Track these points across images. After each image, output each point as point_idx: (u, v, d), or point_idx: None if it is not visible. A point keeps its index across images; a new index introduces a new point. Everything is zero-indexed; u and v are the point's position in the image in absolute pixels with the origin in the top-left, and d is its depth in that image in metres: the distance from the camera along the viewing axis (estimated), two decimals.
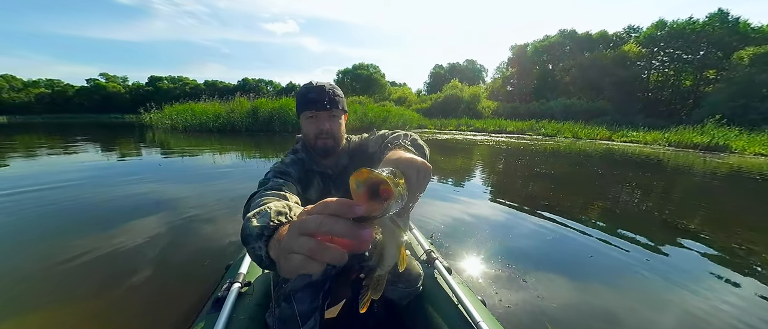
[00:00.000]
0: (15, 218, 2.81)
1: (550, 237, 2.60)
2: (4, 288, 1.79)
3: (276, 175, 0.88)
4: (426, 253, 1.34)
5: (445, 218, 2.95)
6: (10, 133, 13.28)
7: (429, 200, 3.53)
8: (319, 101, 0.92)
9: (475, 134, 16.00)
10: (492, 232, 2.65)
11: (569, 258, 2.27)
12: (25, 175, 4.59)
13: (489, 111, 27.00)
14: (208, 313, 1.03)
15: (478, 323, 0.95)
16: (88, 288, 1.77)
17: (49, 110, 52.53)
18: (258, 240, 0.50)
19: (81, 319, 1.52)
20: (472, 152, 8.72)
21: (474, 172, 5.72)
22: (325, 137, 0.95)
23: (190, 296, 1.69)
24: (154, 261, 2.08)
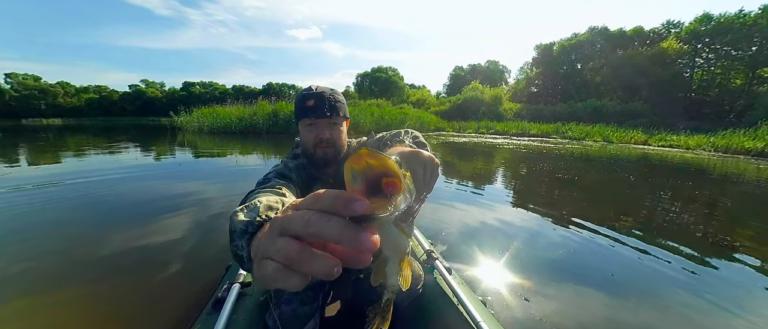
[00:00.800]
0: (36, 209, 2.99)
1: (574, 247, 2.43)
2: (11, 271, 1.89)
3: (277, 176, 0.84)
4: (426, 253, 1.32)
5: (461, 223, 2.85)
6: (64, 134, 14.65)
7: (446, 203, 3.45)
8: (319, 109, 0.86)
9: (495, 137, 15.45)
10: (511, 239, 2.54)
11: (595, 271, 2.09)
12: (64, 172, 4.95)
13: (511, 113, 26.04)
14: (207, 314, 1.02)
15: (479, 323, 0.93)
16: (89, 286, 1.81)
17: (97, 114, 57.59)
18: (241, 237, 0.44)
19: (81, 318, 1.54)
20: (492, 156, 8.37)
21: (493, 176, 5.46)
22: (324, 145, 0.90)
23: (189, 296, 1.68)
24: (156, 261, 2.10)
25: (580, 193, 4.47)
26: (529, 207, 3.46)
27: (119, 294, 1.75)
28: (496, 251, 2.30)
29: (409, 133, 0.74)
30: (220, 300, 1.02)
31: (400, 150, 0.49)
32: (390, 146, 0.64)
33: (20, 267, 1.98)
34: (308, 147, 0.92)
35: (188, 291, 1.75)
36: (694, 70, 26.84)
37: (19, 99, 52.70)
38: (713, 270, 2.15)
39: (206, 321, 0.99)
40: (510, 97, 34.39)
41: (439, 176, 0.62)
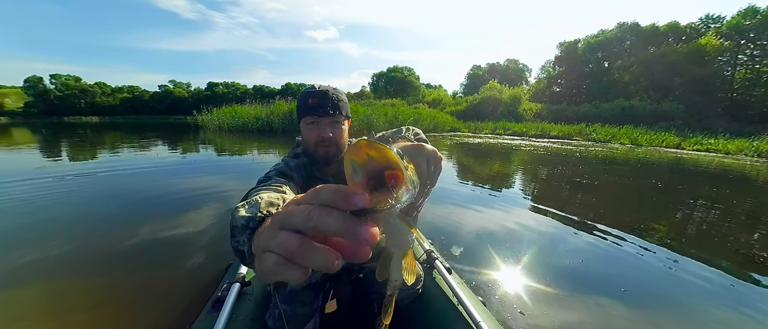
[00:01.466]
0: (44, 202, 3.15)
1: (594, 254, 2.34)
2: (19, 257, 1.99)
3: (278, 174, 0.84)
4: (426, 253, 1.32)
5: (477, 226, 2.79)
6: (101, 130, 15.94)
7: (462, 205, 3.41)
8: (321, 107, 0.86)
9: (512, 138, 14.95)
10: (528, 243, 2.47)
11: (616, 279, 1.99)
12: (89, 166, 5.26)
13: (531, 114, 25.13)
14: (208, 313, 1.03)
15: (479, 323, 0.93)
16: (90, 282, 1.84)
17: (129, 112, 61.31)
18: (242, 233, 0.44)
19: (81, 316, 1.56)
20: (509, 157, 8.07)
21: (509, 179, 5.25)
22: (326, 144, 0.90)
23: (189, 295, 1.68)
24: (157, 259, 2.12)
25: (603, 199, 4.21)
26: (548, 212, 3.32)
27: (119, 291, 1.77)
28: (512, 255, 2.26)
29: (410, 129, 0.74)
30: (220, 300, 1.02)
31: (402, 144, 0.49)
32: (392, 143, 0.62)
33: (22, 257, 2.08)
34: (309, 145, 0.92)
35: (188, 290, 1.74)
36: (737, 69, 24.72)
37: (62, 98, 57.03)
38: (753, 286, 1.94)
39: (206, 320, 0.99)
40: (530, 97, 33.20)
41: (455, 178, 0.59)
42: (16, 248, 2.23)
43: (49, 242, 2.34)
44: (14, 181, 4.14)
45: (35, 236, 2.45)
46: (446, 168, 6.29)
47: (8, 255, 2.12)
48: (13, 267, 1.98)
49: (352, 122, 1.04)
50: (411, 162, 0.32)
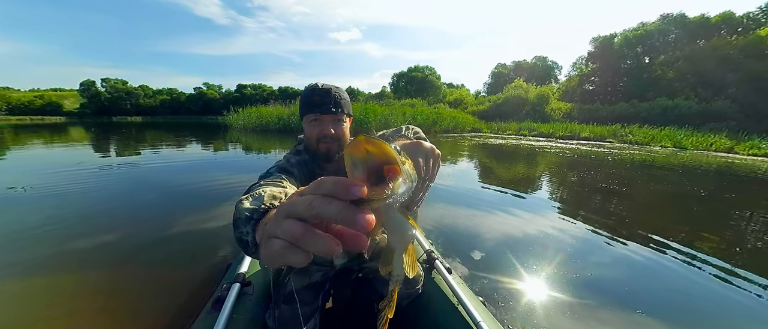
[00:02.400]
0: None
1: (628, 266, 2.20)
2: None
3: (279, 170, 0.86)
4: (426, 253, 1.33)
5: (499, 231, 2.71)
6: (144, 130, 17.57)
7: (484, 209, 3.36)
8: (324, 104, 0.88)
9: (538, 140, 14.18)
10: (553, 251, 2.36)
11: (653, 295, 1.89)
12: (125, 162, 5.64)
13: (559, 114, 23.76)
14: (208, 313, 1.03)
15: (479, 323, 0.93)
16: (92, 280, 1.89)
17: (168, 112, 66.30)
18: (246, 224, 0.47)
19: (82, 315, 1.58)
20: (530, 160, 7.61)
21: (527, 183, 4.91)
22: (328, 141, 0.92)
23: (189, 295, 1.69)
24: (157, 259, 2.14)
25: (637, 206, 3.83)
26: (573, 218, 3.12)
27: (119, 290, 1.78)
28: (533, 262, 2.17)
29: (410, 128, 0.76)
30: (220, 299, 1.02)
31: (401, 142, 0.52)
32: (392, 141, 0.62)
33: (25, 250, 2.19)
34: (311, 142, 0.94)
35: (188, 290, 1.75)
36: None
37: (111, 100, 62.75)
38: None
39: (206, 319, 0.99)
40: (559, 96, 31.43)
41: (472, 180, 0.55)
42: (22, 240, 2.37)
43: (56, 235, 2.45)
44: (49, 173, 4.52)
45: (36, 231, 2.56)
46: (464, 169, 6.05)
47: (18, 247, 2.26)
48: (18, 259, 2.09)
49: (353, 121, 1.05)
50: (409, 158, 0.34)
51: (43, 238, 2.43)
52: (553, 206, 3.76)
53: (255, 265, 1.31)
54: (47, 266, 2.04)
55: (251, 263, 1.30)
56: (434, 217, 2.96)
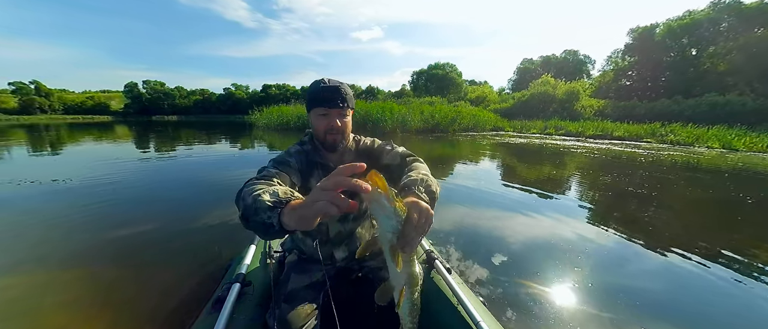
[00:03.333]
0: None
1: (670, 278, 2.04)
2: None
3: (274, 165, 0.94)
4: (425, 253, 1.34)
5: (524, 235, 2.65)
6: (179, 128, 19.03)
7: (509, 211, 3.31)
8: (333, 100, 0.95)
9: (565, 139, 13.36)
10: (582, 259, 2.22)
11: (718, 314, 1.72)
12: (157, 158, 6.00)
13: (591, 112, 22.26)
14: (208, 313, 1.03)
15: (479, 323, 0.93)
16: (90, 283, 1.87)
17: (200, 112, 70.57)
18: (270, 211, 0.59)
19: (80, 314, 1.59)
20: (554, 160, 7.15)
21: (552, 185, 4.59)
22: (334, 132, 0.98)
23: (190, 296, 1.69)
24: (157, 260, 2.15)
25: (680, 214, 3.49)
26: (603, 225, 2.93)
27: (119, 290, 1.79)
28: (558, 267, 2.10)
29: (424, 181, 0.77)
30: (220, 299, 1.02)
31: (411, 200, 0.60)
32: (401, 192, 0.75)
33: (23, 251, 2.23)
34: (319, 133, 1.00)
35: (188, 290, 1.75)
36: None
37: (150, 100, 67.81)
38: None
39: (206, 320, 0.99)
40: (592, 92, 29.46)
41: (496, 181, 2.38)
42: (26, 235, 2.49)
43: (61, 233, 2.53)
44: (89, 166, 4.88)
45: (43, 226, 2.67)
46: (478, 170, 5.80)
47: (19, 242, 2.36)
48: (14, 258, 2.14)
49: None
50: (402, 203, 0.54)
51: (49, 234, 2.52)
52: (578, 209, 3.51)
53: (255, 265, 1.30)
54: (48, 263, 2.08)
55: (251, 263, 1.29)
56: (493, 224, 2.93)
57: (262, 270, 1.28)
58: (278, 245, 1.46)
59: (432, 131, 14.67)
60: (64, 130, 16.96)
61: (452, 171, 5.76)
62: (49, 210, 3.15)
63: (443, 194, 3.22)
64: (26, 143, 9.95)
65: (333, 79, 0.98)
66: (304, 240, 1.15)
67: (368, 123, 13.23)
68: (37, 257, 2.17)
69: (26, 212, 3.12)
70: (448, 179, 5.05)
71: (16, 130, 16.71)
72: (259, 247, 1.46)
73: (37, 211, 3.13)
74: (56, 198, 3.62)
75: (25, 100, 55.28)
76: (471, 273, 2.01)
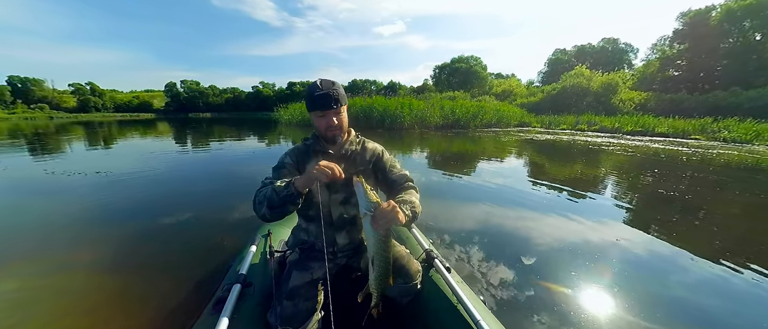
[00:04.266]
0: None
1: (722, 293, 1.84)
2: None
3: (274, 172, 1.15)
4: (425, 253, 1.35)
5: (555, 238, 2.53)
6: (213, 125, 20.38)
7: (531, 209, 3.22)
8: (327, 103, 1.08)
9: (598, 135, 12.38)
10: (618, 265, 2.09)
11: None
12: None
13: (631, 105, 20.44)
14: (209, 314, 1.03)
15: (478, 322, 0.94)
16: (90, 284, 1.87)
17: (231, 109, 74.60)
18: (286, 187, 0.96)
19: (82, 312, 1.61)
20: (587, 159, 6.62)
21: (583, 185, 4.24)
22: (333, 129, 1.13)
23: (190, 297, 1.70)
24: (157, 261, 2.14)
25: (734, 221, 3.10)
26: (644, 231, 2.71)
27: (120, 291, 1.79)
28: (593, 273, 1.99)
29: (411, 204, 1.06)
30: (221, 300, 1.03)
31: (389, 201, 0.92)
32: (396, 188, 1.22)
33: (20, 254, 2.23)
34: (321, 131, 1.16)
35: (189, 291, 1.74)
36: None
37: (187, 99, 72.69)
38: None
39: (207, 321, 1.00)
40: (633, 84, 27.02)
41: (520, 180, 3.67)
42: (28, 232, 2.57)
43: (66, 231, 2.57)
44: (126, 160, 5.25)
45: (41, 227, 2.70)
46: (508, 167, 5.51)
47: (19, 239, 2.43)
48: (16, 252, 2.21)
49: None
50: (375, 195, 0.88)
51: (51, 232, 2.59)
52: (611, 211, 3.25)
53: (256, 266, 1.30)
54: (48, 261, 2.10)
55: (252, 263, 1.30)
56: (520, 224, 2.86)
57: (262, 271, 1.28)
58: (279, 245, 1.47)
59: (452, 127, 14.26)
60: (114, 126, 18.91)
61: (474, 169, 5.54)
62: (71, 204, 3.36)
63: (465, 191, 3.64)
64: (84, 138, 11.21)
65: (325, 81, 1.09)
66: (307, 229, 1.22)
67: (387, 120, 13.12)
68: (35, 254, 2.18)
69: (51, 204, 3.40)
70: (470, 177, 4.88)
71: (76, 126, 18.93)
72: (260, 247, 1.46)
73: (62, 204, 3.38)
74: (83, 191, 3.91)
75: (82, 99, 61.55)
76: (493, 275, 1.95)
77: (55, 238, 2.54)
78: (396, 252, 1.21)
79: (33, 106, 52.75)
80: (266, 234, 1.56)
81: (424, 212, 1.00)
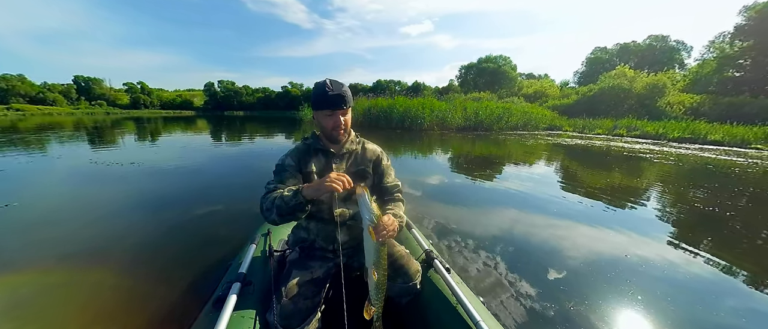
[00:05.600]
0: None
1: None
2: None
3: (276, 176, 1.16)
4: (425, 253, 1.35)
5: (582, 248, 2.41)
6: (244, 122, 21.59)
7: (562, 218, 3.07)
8: (336, 103, 1.10)
9: (638, 141, 11.34)
10: (659, 284, 1.94)
11: None
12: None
13: (680, 109, 18.48)
14: (208, 312, 1.04)
15: (478, 323, 0.94)
16: (89, 283, 1.85)
17: (262, 107, 78.49)
18: (294, 196, 0.99)
19: (80, 314, 1.58)
20: (625, 167, 6.06)
21: (621, 196, 3.89)
22: (339, 129, 1.15)
23: (190, 295, 1.68)
24: (157, 259, 2.12)
25: None
26: (692, 250, 2.46)
27: (120, 289, 1.77)
28: (631, 292, 1.84)
29: (401, 217, 1.19)
30: (220, 299, 1.02)
31: (388, 215, 1.00)
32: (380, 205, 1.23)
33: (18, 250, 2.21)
34: (327, 130, 1.17)
35: (189, 289, 1.73)
36: None
37: (223, 98, 77.53)
38: None
39: (207, 319, 1.00)
40: (685, 86, 24.45)
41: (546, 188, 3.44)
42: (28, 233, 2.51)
43: (57, 232, 2.51)
44: (157, 152, 5.64)
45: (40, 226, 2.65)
46: (537, 173, 5.22)
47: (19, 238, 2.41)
48: (15, 250, 2.19)
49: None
50: (378, 208, 0.92)
51: (55, 230, 2.55)
52: (653, 226, 2.97)
53: (255, 264, 1.30)
54: (44, 259, 2.08)
55: (252, 262, 1.30)
56: (498, 223, 2.87)
57: (262, 269, 1.28)
58: (278, 244, 1.47)
59: (474, 129, 13.80)
60: (159, 122, 21.05)
61: (499, 173, 5.32)
62: (86, 196, 3.51)
63: (488, 196, 3.94)
64: (132, 132, 12.45)
65: (334, 81, 1.11)
66: (308, 227, 1.23)
67: (406, 120, 13.00)
68: (32, 251, 2.19)
69: (73, 192, 3.62)
70: (494, 181, 4.71)
71: (128, 121, 21.33)
72: (260, 246, 1.46)
73: (80, 194, 3.58)
74: (108, 182, 4.18)
75: (134, 97, 67.97)
76: (520, 285, 1.87)
77: (56, 232, 2.52)
78: (396, 252, 1.24)
79: (93, 102, 59.42)
80: (266, 233, 1.56)
81: (446, 216, 1.00)
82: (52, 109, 46.61)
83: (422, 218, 2.94)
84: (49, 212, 3.00)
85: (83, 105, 56.71)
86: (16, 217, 2.85)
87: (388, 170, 1.31)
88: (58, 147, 7.55)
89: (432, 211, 3.17)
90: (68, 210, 3.09)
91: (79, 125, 16.63)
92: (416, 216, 2.98)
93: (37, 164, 5.35)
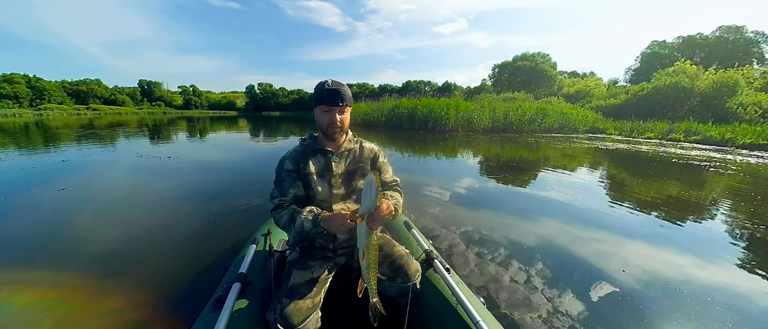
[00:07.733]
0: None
1: None
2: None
3: (277, 187, 1.20)
4: (425, 253, 1.36)
5: (636, 267, 2.20)
6: (280, 122, 23.03)
7: (610, 232, 2.83)
8: (334, 100, 1.13)
9: (696, 147, 9.93)
10: (735, 316, 1.71)
11: None
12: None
13: (756, 112, 15.84)
14: (208, 312, 1.04)
15: (478, 322, 0.94)
16: (89, 283, 1.84)
17: (296, 108, 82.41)
18: (314, 228, 1.06)
19: (80, 312, 1.59)
20: (684, 176, 5.34)
21: (681, 211, 3.45)
22: (335, 126, 1.17)
23: (190, 295, 1.69)
24: (157, 259, 2.11)
25: None
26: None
27: (119, 289, 1.77)
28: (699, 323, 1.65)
29: (394, 194, 1.25)
30: (220, 299, 1.04)
31: (390, 201, 1.07)
32: (384, 192, 1.25)
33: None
34: (323, 126, 1.19)
35: (189, 290, 1.74)
36: None
37: (262, 99, 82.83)
38: None
39: (207, 319, 1.00)
40: (765, 83, 20.94)
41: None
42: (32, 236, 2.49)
43: (60, 234, 2.49)
44: (195, 149, 6.06)
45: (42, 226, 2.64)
46: (580, 181, 4.86)
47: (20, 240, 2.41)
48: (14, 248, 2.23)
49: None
50: (382, 199, 0.97)
51: (58, 230, 2.57)
52: (722, 249, 2.58)
53: (255, 264, 1.31)
54: (42, 257, 2.10)
55: (252, 262, 1.31)
56: (537, 233, 2.73)
57: (262, 269, 1.28)
58: (278, 244, 1.50)
59: (502, 131, 13.10)
60: (207, 121, 23.72)
61: (534, 179, 4.96)
62: (113, 189, 3.75)
63: (526, 205, 3.58)
64: (184, 129, 14.03)
65: (335, 81, 1.13)
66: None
67: (430, 121, 12.74)
68: (30, 249, 2.21)
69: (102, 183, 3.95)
70: (527, 188, 4.41)
71: (181, 120, 24.48)
72: (260, 246, 1.47)
73: (105, 186, 3.81)
74: (139, 176, 4.48)
75: (187, 98, 75.36)
76: (559, 302, 1.75)
77: (57, 230, 2.54)
78: (395, 252, 1.24)
79: (153, 103, 66.88)
80: (266, 233, 1.57)
81: (477, 223, 1.19)
82: (121, 109, 53.35)
83: (448, 223, 2.87)
84: (54, 202, 3.20)
85: (145, 106, 64.29)
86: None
87: (385, 167, 1.34)
88: (106, 145, 8.57)
89: (457, 216, 3.06)
90: (68, 211, 3.05)
91: (142, 123, 19.15)
92: (442, 220, 2.94)
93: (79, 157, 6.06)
